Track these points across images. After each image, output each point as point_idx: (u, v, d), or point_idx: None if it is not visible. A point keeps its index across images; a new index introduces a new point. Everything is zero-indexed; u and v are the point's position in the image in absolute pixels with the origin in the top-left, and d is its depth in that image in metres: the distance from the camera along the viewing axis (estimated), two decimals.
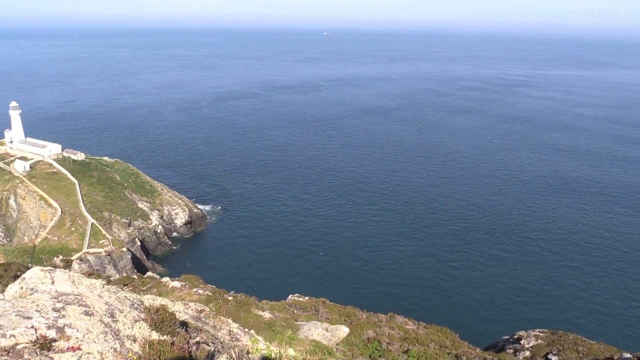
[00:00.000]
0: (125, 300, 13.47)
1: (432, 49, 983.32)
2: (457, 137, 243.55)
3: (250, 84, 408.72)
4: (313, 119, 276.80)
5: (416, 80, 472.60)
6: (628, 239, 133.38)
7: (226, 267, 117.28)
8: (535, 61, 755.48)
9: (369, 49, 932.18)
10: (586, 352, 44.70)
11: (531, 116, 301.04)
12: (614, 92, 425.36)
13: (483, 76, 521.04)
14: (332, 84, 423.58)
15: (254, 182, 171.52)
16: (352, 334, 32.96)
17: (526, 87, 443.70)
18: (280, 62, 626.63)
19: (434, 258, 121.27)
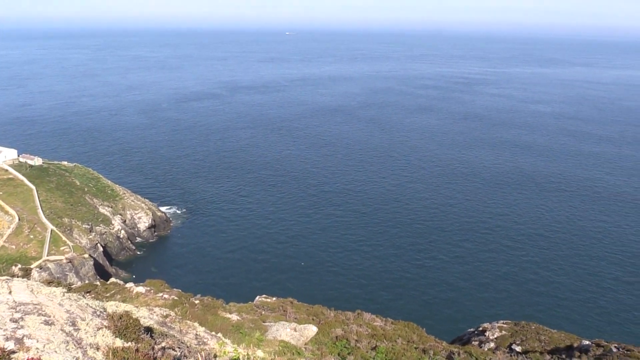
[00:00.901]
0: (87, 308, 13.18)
1: (393, 48, 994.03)
2: (419, 135, 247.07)
3: (212, 85, 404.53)
4: (276, 119, 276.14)
5: (378, 79, 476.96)
6: (584, 232, 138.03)
7: (192, 270, 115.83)
8: (494, 59, 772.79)
9: (331, 49, 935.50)
10: (548, 341, 46.02)
11: (490, 113, 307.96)
12: (569, 88, 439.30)
13: (443, 74, 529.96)
14: (294, 84, 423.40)
15: (218, 184, 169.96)
16: (320, 333, 33.05)
17: (485, 84, 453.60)
18: (242, 62, 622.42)
19: (399, 256, 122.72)
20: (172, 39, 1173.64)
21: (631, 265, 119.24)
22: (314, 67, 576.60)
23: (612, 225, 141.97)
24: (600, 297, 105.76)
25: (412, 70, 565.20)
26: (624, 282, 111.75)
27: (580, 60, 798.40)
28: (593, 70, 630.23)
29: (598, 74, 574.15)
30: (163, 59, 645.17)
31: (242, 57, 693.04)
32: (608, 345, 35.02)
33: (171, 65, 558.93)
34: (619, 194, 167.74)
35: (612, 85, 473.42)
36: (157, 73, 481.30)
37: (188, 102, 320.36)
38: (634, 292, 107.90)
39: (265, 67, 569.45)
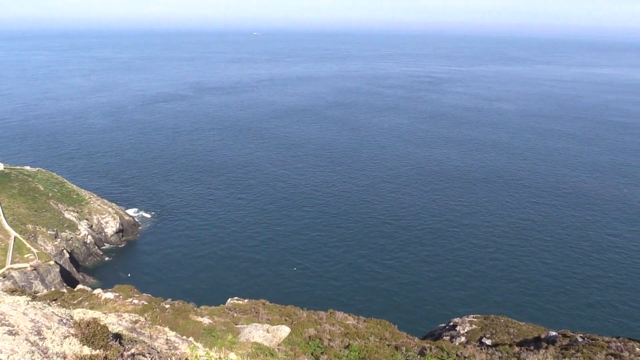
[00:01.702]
0: (53, 316, 12.87)
1: (361, 48, 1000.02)
2: (387, 134, 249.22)
3: (179, 86, 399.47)
4: (245, 120, 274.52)
5: (346, 79, 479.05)
6: (550, 227, 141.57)
7: (162, 274, 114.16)
8: (459, 58, 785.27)
9: (300, 49, 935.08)
10: (516, 333, 47.12)
11: (456, 112, 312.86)
12: (531, 86, 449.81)
13: (410, 74, 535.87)
14: (263, 84, 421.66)
15: (187, 186, 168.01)
16: (293, 333, 33.03)
17: (451, 83, 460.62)
18: (209, 63, 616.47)
19: (370, 255, 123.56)
20: (137, 39, 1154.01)
21: (595, 260, 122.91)
22: (282, 67, 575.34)
23: (576, 220, 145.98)
24: (565, 290, 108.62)
25: (380, 70, 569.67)
26: (588, 276, 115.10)
27: (542, 58, 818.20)
28: (554, 68, 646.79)
29: (559, 72, 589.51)
30: (128, 60, 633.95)
31: (209, 58, 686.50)
32: (574, 336, 36.02)
33: (137, 67, 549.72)
34: (582, 189, 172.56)
35: (572, 82, 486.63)
36: (122, 74, 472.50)
37: (155, 104, 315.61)
38: (597, 284, 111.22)
39: (232, 67, 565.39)
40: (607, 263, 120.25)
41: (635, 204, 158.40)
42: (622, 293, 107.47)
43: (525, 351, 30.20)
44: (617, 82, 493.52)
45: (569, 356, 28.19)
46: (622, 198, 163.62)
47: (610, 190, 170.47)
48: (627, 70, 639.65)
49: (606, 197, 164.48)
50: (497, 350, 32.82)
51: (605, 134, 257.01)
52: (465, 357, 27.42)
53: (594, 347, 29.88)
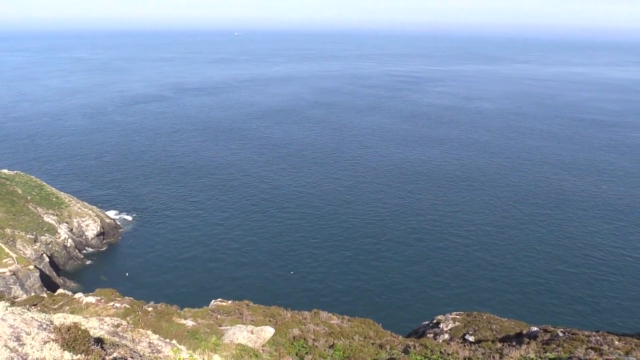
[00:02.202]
0: (32, 322, 12.66)
1: (342, 48, 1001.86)
2: (369, 134, 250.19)
3: (159, 87, 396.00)
4: (226, 120, 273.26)
5: (328, 78, 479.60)
6: (530, 224, 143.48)
7: (144, 277, 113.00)
8: (439, 58, 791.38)
9: (281, 49, 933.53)
10: (499, 329, 47.65)
11: (437, 110, 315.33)
12: (511, 85, 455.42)
13: (391, 73, 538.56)
14: (244, 85, 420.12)
15: (168, 188, 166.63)
16: (277, 334, 32.96)
17: (431, 82, 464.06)
18: (190, 63, 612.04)
19: (353, 255, 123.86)
20: (117, 40, 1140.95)
21: (574, 256, 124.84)
22: (264, 68, 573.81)
23: (556, 217, 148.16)
24: (546, 286, 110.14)
25: (361, 70, 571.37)
26: (568, 272, 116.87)
27: (521, 57, 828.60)
28: (532, 67, 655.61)
29: (537, 71, 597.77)
30: (107, 60, 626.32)
31: (189, 58, 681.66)
32: (555, 331, 36.53)
33: (116, 67, 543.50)
34: (562, 187, 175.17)
35: (550, 81, 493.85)
36: (101, 75, 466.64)
37: (135, 105, 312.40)
38: (577, 280, 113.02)
39: (214, 68, 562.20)
40: (586, 259, 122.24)
41: (614, 201, 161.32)
42: (601, 288, 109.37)
43: (507, 347, 30.55)
44: (592, 81, 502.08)
45: (550, 351, 28.56)
46: (601, 195, 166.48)
47: (589, 187, 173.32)
48: (602, 68, 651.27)
49: (585, 194, 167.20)
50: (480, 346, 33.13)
51: (583, 132, 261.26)
52: (449, 354, 27.63)
53: (575, 341, 30.34)
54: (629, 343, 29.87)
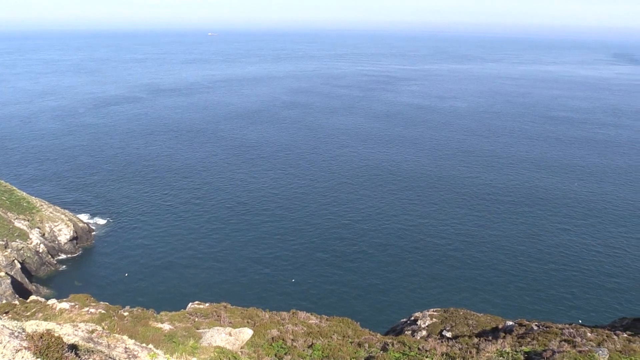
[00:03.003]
0: (3, 330, 12.36)
1: (316, 48, 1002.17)
2: (344, 134, 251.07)
3: (132, 88, 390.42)
4: (201, 122, 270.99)
5: (302, 78, 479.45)
6: (502, 222, 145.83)
7: (120, 282, 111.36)
8: (413, 57, 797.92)
9: (255, 49, 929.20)
10: (475, 324, 48.31)
11: (411, 110, 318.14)
12: (483, 84, 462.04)
13: (366, 73, 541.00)
14: (218, 85, 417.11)
15: (142, 191, 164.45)
16: (256, 335, 32.83)
17: (405, 81, 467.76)
18: (163, 64, 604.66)
19: (329, 255, 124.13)
20: (88, 41, 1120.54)
21: (546, 253, 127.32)
22: (238, 68, 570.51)
23: (529, 215, 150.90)
24: (519, 281, 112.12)
25: (335, 69, 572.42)
26: (541, 268, 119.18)
27: (492, 56, 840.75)
28: (504, 65, 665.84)
29: (508, 70, 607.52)
30: (78, 62, 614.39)
31: (162, 59, 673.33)
32: (529, 324, 37.21)
33: (87, 69, 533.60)
34: (533, 184, 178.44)
35: (521, 79, 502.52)
36: (72, 77, 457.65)
37: (107, 107, 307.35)
38: (549, 275, 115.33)
39: (187, 68, 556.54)
40: (558, 256, 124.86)
41: (585, 198, 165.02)
42: (573, 283, 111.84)
43: (484, 341, 30.99)
44: (561, 79, 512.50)
45: (525, 344, 29.08)
46: (573, 191, 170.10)
47: (560, 185, 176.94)
48: (571, 67, 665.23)
49: (557, 191, 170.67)
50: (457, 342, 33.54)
51: (553, 129, 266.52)
52: (427, 350, 27.90)
53: (549, 334, 30.95)
54: (600, 334, 30.59)
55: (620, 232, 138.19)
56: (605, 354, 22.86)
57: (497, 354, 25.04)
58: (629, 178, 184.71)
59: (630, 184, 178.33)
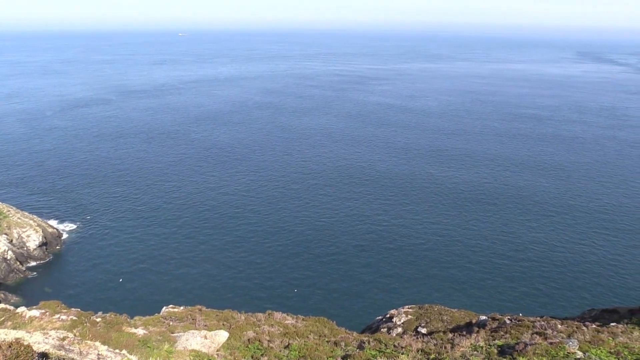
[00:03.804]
0: None
1: (288, 48, 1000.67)
2: (316, 134, 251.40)
3: (101, 90, 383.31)
4: (172, 123, 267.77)
5: (275, 78, 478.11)
6: (473, 220, 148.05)
7: (91, 287, 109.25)
8: (384, 56, 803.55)
9: (226, 49, 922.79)
10: (450, 320, 48.96)
11: (382, 109, 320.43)
12: (453, 82, 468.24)
13: (337, 72, 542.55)
14: (189, 86, 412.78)
15: (113, 194, 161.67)
16: (232, 338, 32.64)
17: (377, 81, 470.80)
18: (133, 65, 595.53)
19: (304, 256, 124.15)
20: (54, 42, 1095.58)
21: (516, 249, 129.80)
22: (209, 68, 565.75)
23: (498, 213, 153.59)
24: (492, 277, 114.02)
25: (307, 69, 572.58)
26: (511, 264, 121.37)
27: (462, 55, 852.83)
28: (473, 64, 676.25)
29: (477, 68, 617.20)
30: (45, 63, 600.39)
31: (132, 60, 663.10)
32: (502, 318, 37.87)
33: (54, 70, 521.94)
34: (502, 181, 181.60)
35: (490, 78, 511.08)
36: (38, 79, 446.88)
37: (75, 109, 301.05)
38: (520, 270, 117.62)
39: (157, 69, 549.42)
40: (528, 252, 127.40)
41: (555, 195, 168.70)
42: (542, 277, 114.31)
43: (458, 336, 31.41)
44: (529, 77, 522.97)
45: (498, 338, 29.59)
46: (542, 188, 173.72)
47: (529, 182, 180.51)
48: (538, 65, 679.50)
49: (526, 188, 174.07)
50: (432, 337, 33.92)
51: (520, 126, 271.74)
52: (403, 347, 28.16)
53: (521, 327, 31.56)
54: (570, 326, 31.34)
55: (589, 227, 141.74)
56: (575, 344, 23.43)
57: (472, 349, 25.44)
58: (595, 174, 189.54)
59: (596, 180, 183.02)
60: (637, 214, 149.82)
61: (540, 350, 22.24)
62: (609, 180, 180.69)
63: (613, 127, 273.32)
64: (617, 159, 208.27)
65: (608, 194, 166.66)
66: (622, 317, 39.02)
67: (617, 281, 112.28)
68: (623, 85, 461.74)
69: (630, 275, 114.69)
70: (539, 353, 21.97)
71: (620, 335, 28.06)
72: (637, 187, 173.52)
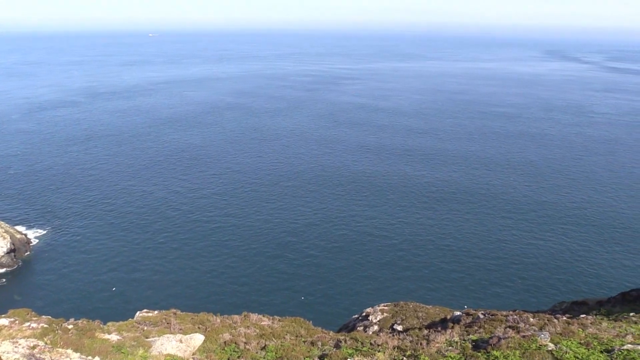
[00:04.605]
0: None
1: (259, 48, 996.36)
2: (288, 134, 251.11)
3: (69, 92, 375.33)
4: (142, 125, 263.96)
5: (246, 79, 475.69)
6: (445, 218, 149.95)
7: (62, 294, 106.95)
8: (356, 56, 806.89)
9: (198, 50, 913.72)
10: (425, 316, 49.43)
11: (354, 108, 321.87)
12: (424, 81, 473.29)
13: (309, 72, 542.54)
14: (160, 87, 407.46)
15: (83, 199, 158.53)
16: (208, 341, 32.35)
17: (349, 80, 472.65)
18: (102, 66, 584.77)
19: (279, 257, 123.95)
20: (20, 43, 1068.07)
21: (487, 245, 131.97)
22: (180, 69, 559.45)
23: (469, 211, 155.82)
24: (465, 272, 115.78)
25: (279, 69, 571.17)
26: (483, 260, 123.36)
27: (433, 55, 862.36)
28: (444, 63, 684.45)
29: (448, 67, 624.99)
30: (10, 65, 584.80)
31: (101, 61, 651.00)
32: (476, 313, 38.42)
33: (20, 72, 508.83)
34: (473, 179, 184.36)
35: (460, 76, 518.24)
36: (4, 81, 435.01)
37: (42, 112, 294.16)
38: (491, 265, 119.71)
39: (127, 70, 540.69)
40: (500, 248, 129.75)
41: (525, 192, 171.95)
42: (515, 272, 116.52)
43: (433, 332, 31.76)
44: (498, 76, 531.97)
45: (473, 333, 30.02)
46: (511, 186, 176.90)
47: (499, 180, 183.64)
48: (506, 64, 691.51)
49: (496, 186, 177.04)
50: (408, 334, 34.21)
51: (490, 124, 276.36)
52: (379, 345, 28.33)
53: (494, 321, 32.09)
54: (542, 319, 32.00)
55: (559, 222, 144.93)
56: (547, 337, 23.95)
57: (447, 344, 25.76)
58: (563, 170, 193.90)
59: (565, 175, 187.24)
60: (604, 208, 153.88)
61: (513, 344, 22.68)
62: (577, 176, 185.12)
63: (580, 124, 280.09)
64: (585, 155, 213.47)
65: (576, 189, 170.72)
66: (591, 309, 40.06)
67: (586, 274, 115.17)
68: (588, 83, 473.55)
69: (599, 268, 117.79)
70: (512, 346, 22.40)
71: (590, 326, 28.81)
72: (604, 182, 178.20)
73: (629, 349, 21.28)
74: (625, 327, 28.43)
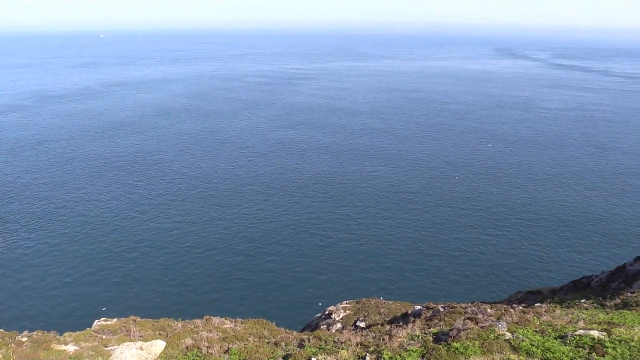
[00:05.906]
0: None
1: (215, 48, 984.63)
2: (246, 135, 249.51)
3: (16, 96, 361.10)
4: (96, 129, 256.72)
5: (202, 79, 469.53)
6: (403, 215, 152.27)
7: (15, 305, 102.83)
8: (312, 55, 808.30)
9: (152, 50, 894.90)
10: (387, 312, 50.14)
11: (312, 108, 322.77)
12: (380, 80, 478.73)
13: (266, 73, 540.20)
14: (113, 90, 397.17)
15: (35, 206, 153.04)
16: (169, 347, 31.84)
17: (306, 80, 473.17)
18: (51, 69, 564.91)
19: (240, 259, 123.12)
20: None
21: (444, 241, 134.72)
22: (134, 70, 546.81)
23: (426, 208, 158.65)
24: (423, 267, 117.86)
25: (235, 70, 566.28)
26: (441, 255, 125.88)
27: (388, 53, 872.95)
28: (399, 62, 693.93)
29: (402, 66, 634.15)
30: None
31: (50, 63, 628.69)
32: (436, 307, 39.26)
33: None
34: (430, 177, 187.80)
35: (414, 75, 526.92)
36: None
37: None
38: (448, 260, 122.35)
39: (78, 72, 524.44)
40: (457, 243, 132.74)
41: (478, 187, 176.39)
42: (472, 265, 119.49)
43: (395, 327, 32.24)
44: (451, 74, 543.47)
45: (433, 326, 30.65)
46: (465, 182, 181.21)
47: (454, 176, 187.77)
48: (458, 62, 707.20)
49: (450, 182, 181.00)
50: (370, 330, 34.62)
51: (445, 121, 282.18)
52: (342, 342, 28.57)
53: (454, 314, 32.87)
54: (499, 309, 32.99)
55: (511, 215, 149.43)
56: (504, 326, 24.71)
57: (409, 338, 26.20)
58: (515, 165, 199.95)
59: (517, 169, 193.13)
60: (555, 202, 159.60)
61: (473, 335, 23.29)
62: (528, 170, 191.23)
63: (530, 119, 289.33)
64: (536, 150, 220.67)
65: (528, 183, 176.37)
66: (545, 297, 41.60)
67: (539, 264, 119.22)
68: (537, 80, 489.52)
69: (551, 258, 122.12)
70: (472, 337, 23.00)
71: (544, 314, 29.90)
72: (554, 176, 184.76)
73: (580, 334, 22.22)
74: (577, 313, 29.67)
